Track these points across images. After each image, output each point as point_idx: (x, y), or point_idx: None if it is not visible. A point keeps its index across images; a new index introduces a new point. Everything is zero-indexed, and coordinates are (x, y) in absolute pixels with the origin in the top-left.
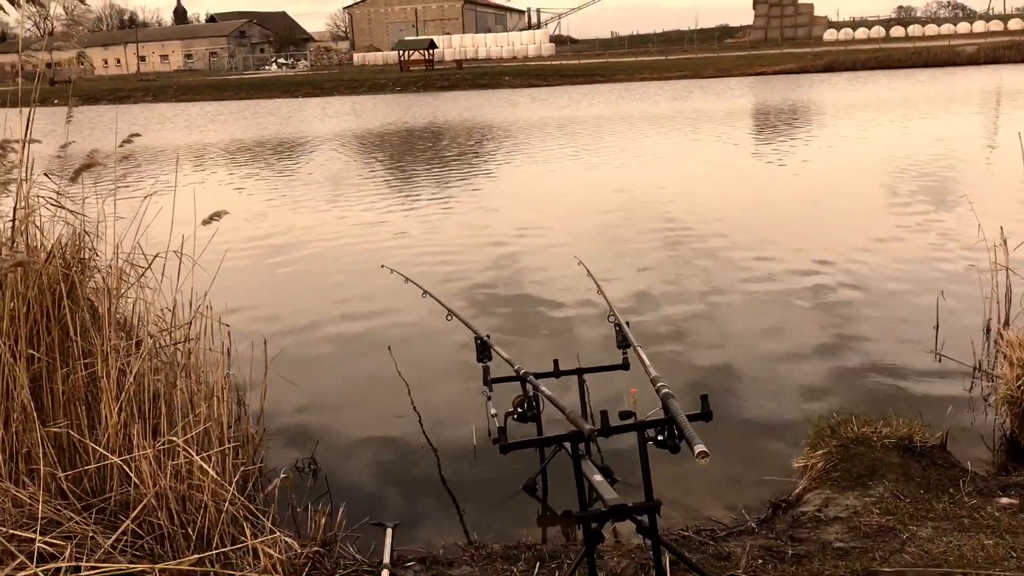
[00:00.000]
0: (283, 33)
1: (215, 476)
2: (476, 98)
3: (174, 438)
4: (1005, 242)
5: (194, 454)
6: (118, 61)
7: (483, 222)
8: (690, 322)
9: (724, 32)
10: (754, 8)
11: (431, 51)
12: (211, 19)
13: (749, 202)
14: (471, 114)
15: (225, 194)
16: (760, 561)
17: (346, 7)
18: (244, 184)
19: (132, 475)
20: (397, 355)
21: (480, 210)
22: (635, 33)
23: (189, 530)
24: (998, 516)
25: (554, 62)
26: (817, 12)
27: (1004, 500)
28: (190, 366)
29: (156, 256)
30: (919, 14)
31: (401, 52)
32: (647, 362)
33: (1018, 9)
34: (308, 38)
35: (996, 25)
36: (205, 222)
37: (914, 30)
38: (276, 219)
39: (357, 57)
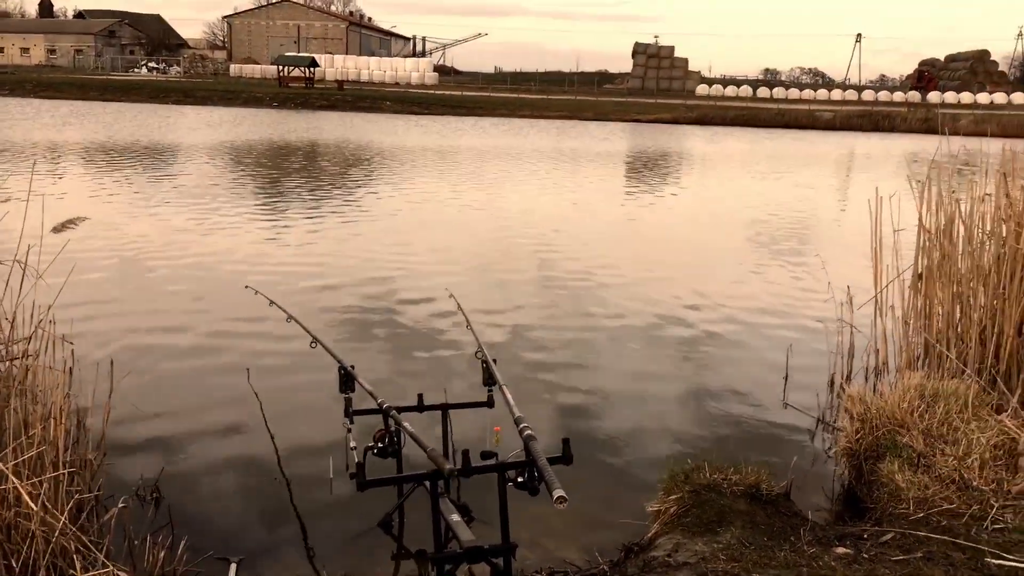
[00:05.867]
0: (156, 37)
1: (45, 504)
2: (355, 120)
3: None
4: (851, 301)
5: (22, 479)
6: None
7: (356, 247)
8: (557, 361)
9: (604, 78)
10: (633, 58)
11: (312, 69)
12: (79, 15)
13: (620, 244)
14: (350, 136)
15: (81, 200)
16: None
17: (226, 16)
18: (103, 190)
19: None
20: (256, 381)
21: (353, 235)
22: (518, 70)
23: (13, 562)
24: (833, 566)
25: (436, 91)
26: (691, 67)
27: (840, 550)
28: (27, 385)
29: None
30: (783, 78)
31: (281, 67)
32: (511, 402)
33: (871, 81)
34: (183, 44)
35: (851, 95)
36: (57, 229)
37: (778, 92)
38: (136, 230)
39: (234, 68)
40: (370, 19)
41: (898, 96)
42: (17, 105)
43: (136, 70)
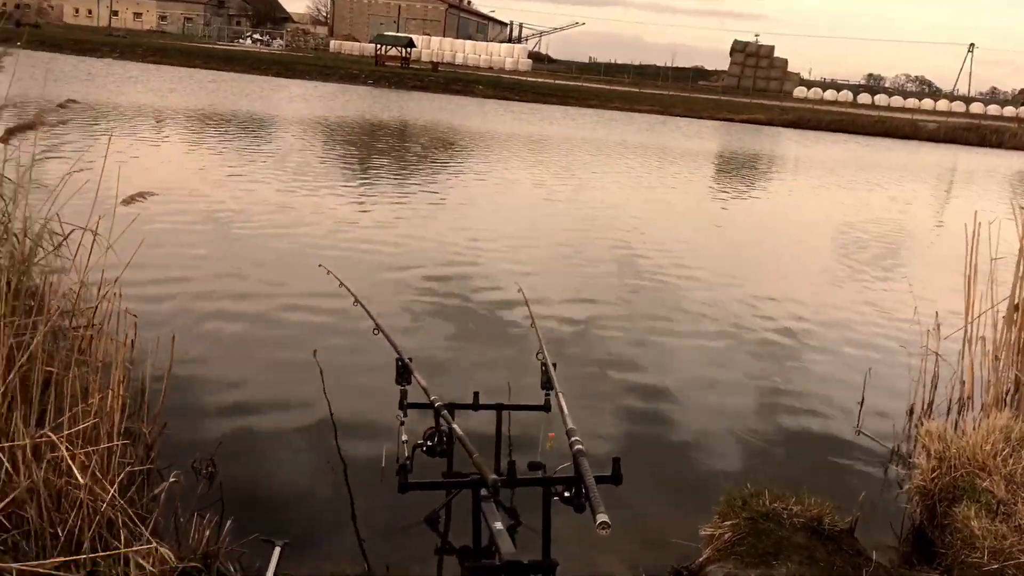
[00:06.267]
0: (263, 9)
1: (95, 474)
2: (447, 103)
3: (49, 433)
4: (938, 328)
5: (75, 449)
6: (89, 12)
7: (433, 233)
8: (623, 366)
9: (699, 74)
10: (730, 55)
11: (408, 49)
12: None
13: (702, 249)
14: (440, 118)
15: (170, 167)
16: None
17: None
18: (194, 158)
19: (6, 463)
20: (320, 362)
21: (432, 220)
22: (613, 61)
23: (59, 530)
24: None
25: (529, 78)
26: (791, 68)
27: None
28: (89, 354)
29: (73, 230)
30: (888, 84)
31: (379, 46)
32: (566, 411)
33: (981, 93)
34: (287, 18)
35: (958, 106)
36: (127, 201)
37: (880, 99)
38: (219, 201)
39: (334, 44)
40: (469, 2)
41: (1009, 111)
42: (127, 69)
43: (241, 41)
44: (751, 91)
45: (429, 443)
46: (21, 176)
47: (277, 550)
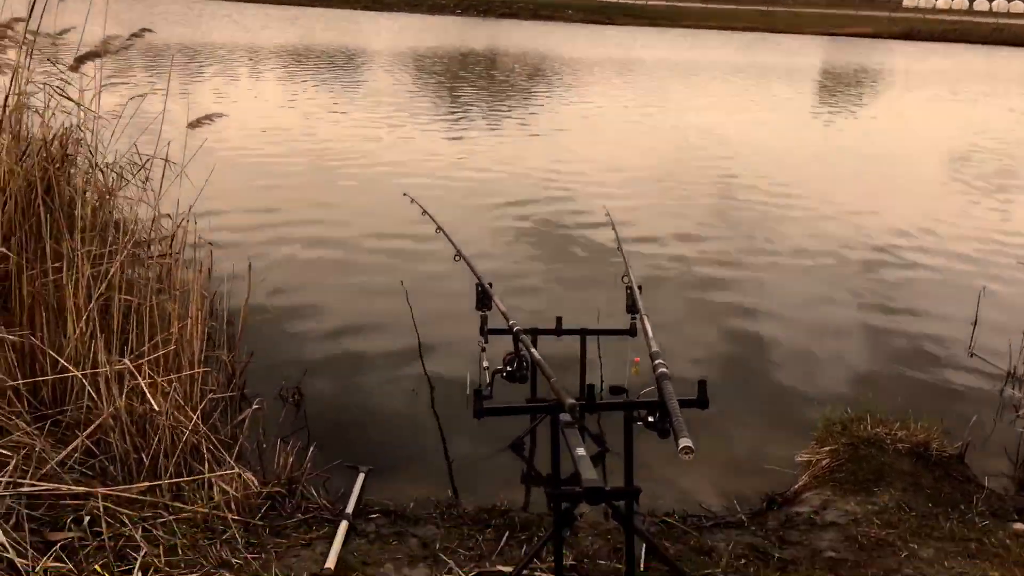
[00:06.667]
0: None
1: (177, 400)
2: (537, 29)
3: (129, 360)
4: None
5: (156, 376)
6: None
7: (523, 161)
8: (716, 288)
9: None
10: None
11: None
12: None
13: (805, 171)
14: (530, 45)
15: (260, 100)
16: (743, 561)
17: None
18: (283, 91)
19: (90, 390)
20: (402, 289)
21: (522, 148)
22: None
23: (143, 455)
24: (1008, 544)
25: (620, 0)
26: None
27: (1018, 526)
28: (168, 283)
29: (149, 159)
30: None
31: None
32: (650, 334)
33: None
34: None
35: None
36: (192, 124)
37: (999, 5)
38: (309, 131)
39: None
40: None
41: None
42: (222, 8)
43: None
44: (857, 1)
45: (509, 368)
46: (91, 102)
47: (361, 476)
